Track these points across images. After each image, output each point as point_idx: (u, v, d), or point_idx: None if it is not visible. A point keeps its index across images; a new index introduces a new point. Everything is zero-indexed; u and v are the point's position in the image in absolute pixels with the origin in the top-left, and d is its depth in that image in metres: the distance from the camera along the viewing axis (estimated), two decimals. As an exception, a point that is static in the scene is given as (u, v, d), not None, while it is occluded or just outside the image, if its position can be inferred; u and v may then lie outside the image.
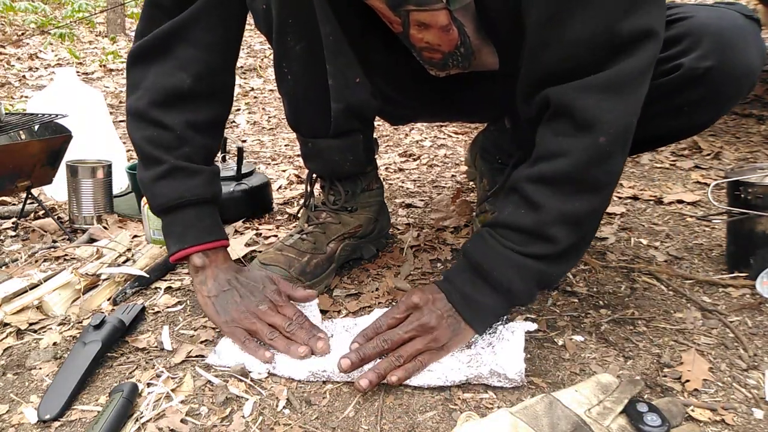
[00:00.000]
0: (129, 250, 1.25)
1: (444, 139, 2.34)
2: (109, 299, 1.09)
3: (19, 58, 4.36)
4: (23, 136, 1.49)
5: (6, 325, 1.00)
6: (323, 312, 1.01)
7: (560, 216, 0.78)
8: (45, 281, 1.09)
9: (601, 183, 0.79)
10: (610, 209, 1.46)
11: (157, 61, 0.94)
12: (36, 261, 1.26)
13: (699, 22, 0.86)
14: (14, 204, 1.66)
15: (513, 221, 0.81)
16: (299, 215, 1.23)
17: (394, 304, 1.04)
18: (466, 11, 0.89)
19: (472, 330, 0.84)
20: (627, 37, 0.73)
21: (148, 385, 0.84)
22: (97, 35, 5.48)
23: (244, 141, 2.46)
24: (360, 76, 0.98)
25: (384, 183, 1.45)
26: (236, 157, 1.51)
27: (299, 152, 1.20)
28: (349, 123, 1.02)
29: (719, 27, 0.85)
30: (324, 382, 0.84)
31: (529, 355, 0.89)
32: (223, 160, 1.60)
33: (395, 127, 2.49)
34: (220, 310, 0.91)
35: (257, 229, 1.42)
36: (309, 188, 1.18)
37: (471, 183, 1.73)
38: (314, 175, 1.18)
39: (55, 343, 0.95)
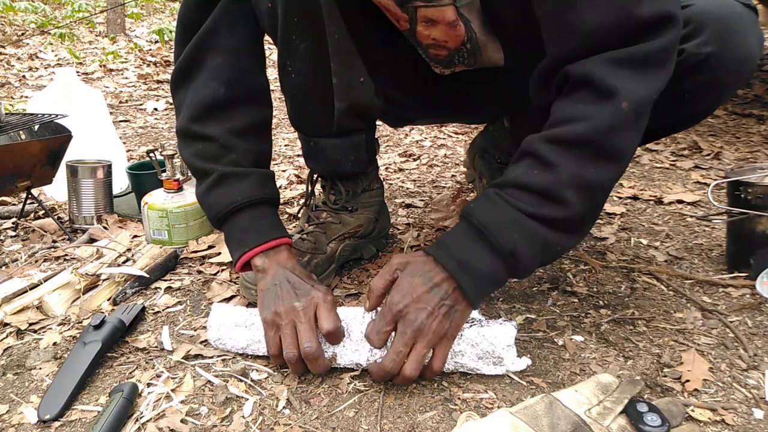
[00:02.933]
0: (129, 250, 1.25)
1: (444, 139, 2.34)
2: (109, 299, 1.09)
3: (19, 58, 4.36)
4: (23, 136, 1.49)
5: (6, 325, 1.00)
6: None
7: (575, 179, 0.75)
8: (45, 281, 1.09)
9: (619, 152, 0.76)
10: (609, 209, 1.46)
11: (192, 78, 0.95)
12: (36, 261, 1.26)
13: (699, 9, 0.86)
14: (14, 204, 1.66)
15: (524, 181, 0.76)
16: (299, 215, 1.23)
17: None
18: (471, 7, 0.90)
19: (468, 304, 0.79)
20: (647, 20, 0.72)
21: (148, 385, 0.84)
22: (97, 35, 5.48)
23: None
24: (364, 76, 0.98)
25: (384, 183, 1.45)
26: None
27: (299, 152, 1.20)
28: (352, 122, 1.02)
29: (719, 14, 0.85)
30: (323, 381, 0.84)
31: (529, 355, 0.89)
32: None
33: (395, 128, 2.49)
34: (266, 304, 0.86)
35: (257, 229, 1.42)
36: (310, 188, 1.18)
37: (470, 184, 1.73)
38: (315, 175, 1.18)
39: (55, 343, 0.95)
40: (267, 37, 0.99)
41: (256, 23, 0.96)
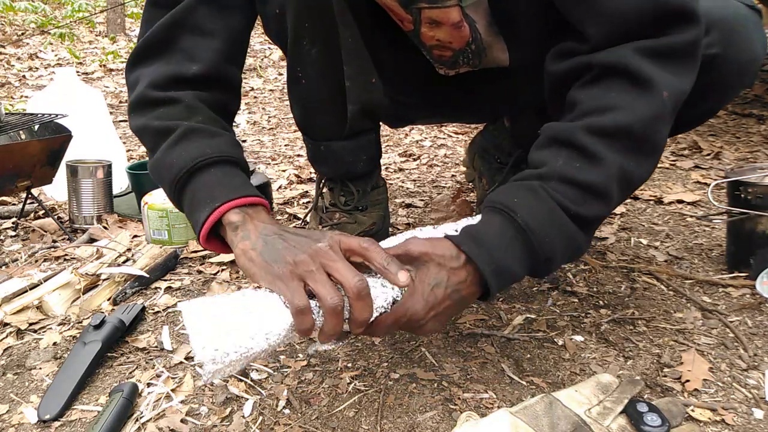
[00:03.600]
0: (129, 250, 1.25)
1: (444, 139, 2.34)
2: (109, 299, 1.09)
3: (19, 58, 4.36)
4: (23, 136, 1.49)
5: (6, 325, 1.00)
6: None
7: (621, 173, 0.70)
8: (45, 281, 1.09)
9: (658, 145, 0.72)
10: (610, 209, 1.46)
11: (157, 57, 0.83)
12: (36, 261, 1.26)
13: (704, 11, 0.84)
14: (14, 204, 1.66)
15: (571, 174, 0.69)
16: (308, 218, 1.23)
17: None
18: (477, 6, 0.89)
19: (479, 297, 0.71)
20: (674, 10, 0.69)
21: (148, 385, 0.84)
22: (97, 35, 5.48)
23: (244, 141, 2.45)
24: (375, 77, 0.98)
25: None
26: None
27: (299, 152, 1.19)
28: (362, 123, 1.02)
29: (723, 16, 0.85)
30: (323, 381, 0.84)
31: (529, 355, 0.89)
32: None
33: (394, 128, 2.49)
34: (270, 259, 0.66)
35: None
36: (320, 191, 1.18)
37: (470, 183, 1.73)
38: (324, 179, 1.18)
39: (55, 343, 0.95)
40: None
41: (241, 15, 0.87)
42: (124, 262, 1.20)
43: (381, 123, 1.31)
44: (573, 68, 0.75)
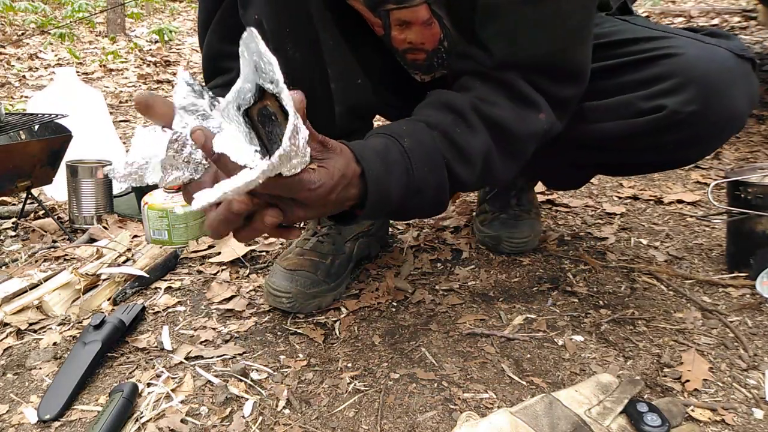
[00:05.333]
0: (129, 250, 1.25)
1: (444, 139, 2.34)
2: (109, 299, 1.09)
3: (19, 58, 4.36)
4: (23, 136, 1.49)
5: (6, 325, 1.00)
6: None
7: (487, 156, 0.79)
8: (45, 281, 1.09)
9: (524, 155, 0.83)
10: (609, 209, 1.46)
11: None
12: (36, 261, 1.26)
13: (687, 63, 0.84)
14: (14, 204, 1.66)
15: (452, 134, 0.77)
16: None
17: (394, 303, 1.05)
18: (439, 2, 0.88)
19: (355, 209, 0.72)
20: (571, 68, 0.81)
21: (148, 385, 0.84)
22: (97, 35, 5.48)
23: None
24: (361, 77, 0.98)
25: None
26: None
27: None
28: (352, 124, 1.02)
29: (706, 71, 0.83)
30: (323, 381, 0.84)
31: (529, 355, 0.89)
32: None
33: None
34: None
35: (257, 229, 1.42)
36: None
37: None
38: None
39: (55, 343, 0.95)
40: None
41: None
42: (124, 262, 1.20)
43: (382, 120, 1.31)
44: (473, 71, 0.82)
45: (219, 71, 0.95)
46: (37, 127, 1.48)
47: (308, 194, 0.62)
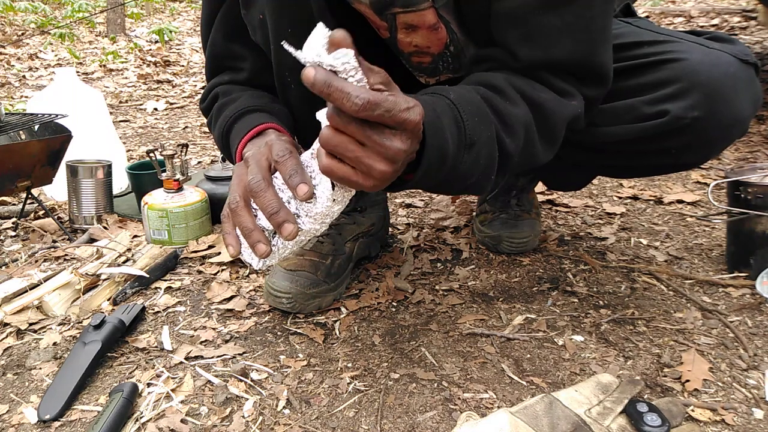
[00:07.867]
0: (129, 250, 1.25)
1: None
2: (109, 299, 1.09)
3: (19, 58, 4.36)
4: (23, 136, 1.49)
5: (6, 325, 1.00)
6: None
7: (528, 133, 0.77)
8: (45, 281, 1.09)
9: (557, 139, 0.82)
10: (610, 209, 1.46)
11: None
12: (36, 261, 1.26)
13: (690, 68, 0.84)
14: (14, 204, 1.66)
15: (494, 102, 0.75)
16: None
17: (394, 303, 1.05)
18: (447, 7, 0.88)
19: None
20: (594, 69, 0.79)
21: (148, 385, 0.84)
22: (97, 35, 5.48)
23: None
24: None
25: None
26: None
27: (299, 152, 1.18)
28: None
29: (710, 76, 0.83)
30: (323, 381, 0.84)
31: (529, 355, 0.89)
32: (223, 160, 1.60)
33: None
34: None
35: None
36: None
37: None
38: None
39: (55, 343, 0.95)
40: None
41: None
42: (124, 262, 1.20)
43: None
44: (498, 69, 0.80)
45: (222, 69, 0.95)
46: (37, 127, 1.48)
47: (406, 114, 0.58)
